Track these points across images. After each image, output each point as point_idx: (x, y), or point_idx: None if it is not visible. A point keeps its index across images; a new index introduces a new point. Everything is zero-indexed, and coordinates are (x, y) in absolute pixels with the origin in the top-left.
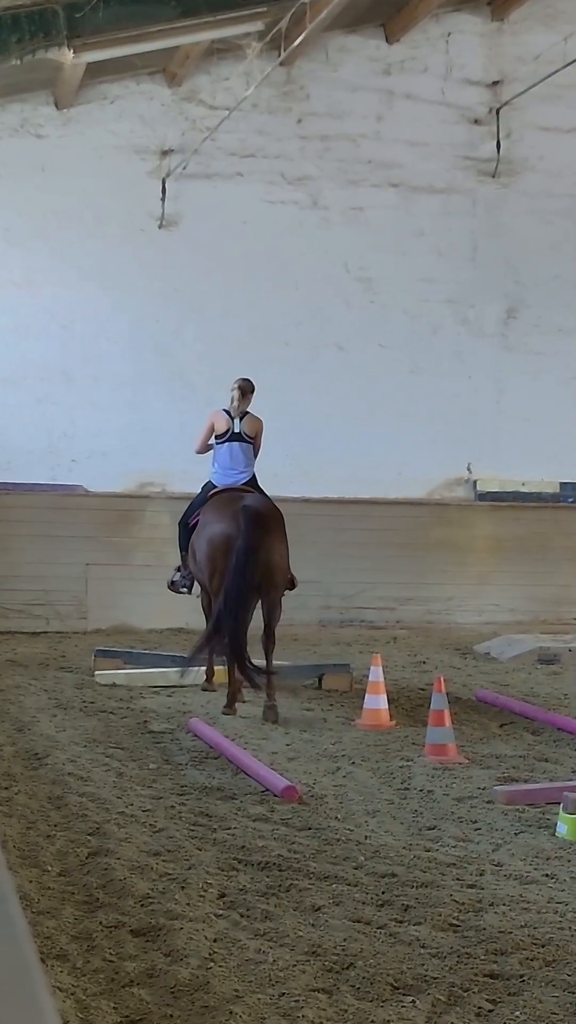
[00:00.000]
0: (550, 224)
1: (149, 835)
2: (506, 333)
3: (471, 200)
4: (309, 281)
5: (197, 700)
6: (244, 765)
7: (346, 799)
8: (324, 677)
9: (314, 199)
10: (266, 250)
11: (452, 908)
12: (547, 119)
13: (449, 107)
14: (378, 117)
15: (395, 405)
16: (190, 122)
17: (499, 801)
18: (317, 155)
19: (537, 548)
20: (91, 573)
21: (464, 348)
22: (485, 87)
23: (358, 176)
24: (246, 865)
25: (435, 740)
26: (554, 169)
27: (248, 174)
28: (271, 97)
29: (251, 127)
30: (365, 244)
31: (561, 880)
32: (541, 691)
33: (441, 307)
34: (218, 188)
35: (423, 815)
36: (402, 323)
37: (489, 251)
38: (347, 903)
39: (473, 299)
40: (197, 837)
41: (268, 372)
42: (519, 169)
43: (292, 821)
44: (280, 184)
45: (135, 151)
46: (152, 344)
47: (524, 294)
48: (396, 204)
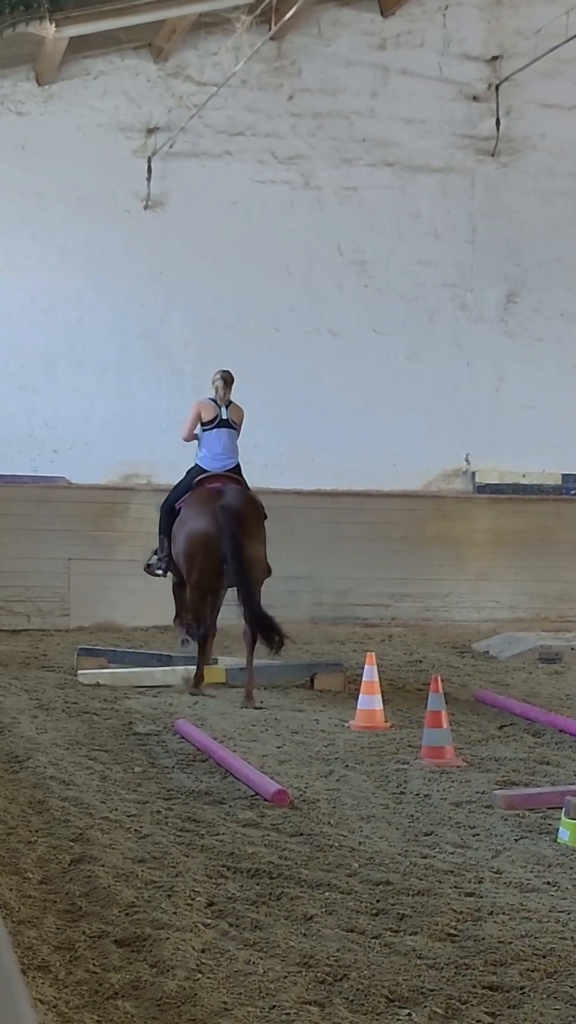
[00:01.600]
0: (552, 204)
1: (134, 841)
2: (506, 318)
3: (470, 180)
4: (301, 264)
5: (184, 701)
6: (233, 768)
7: (339, 804)
8: (316, 677)
9: (306, 179)
10: (256, 232)
11: (450, 917)
12: (549, 95)
13: (447, 83)
14: (373, 93)
15: (390, 394)
16: (177, 99)
17: (498, 806)
18: (309, 133)
19: (538, 542)
20: (74, 568)
21: (463, 334)
22: (484, 62)
23: (352, 155)
24: (235, 872)
25: (432, 742)
26: (556, 147)
27: (237, 153)
28: (261, 73)
29: (240, 104)
30: (359, 226)
31: (563, 888)
32: (542, 691)
33: (439, 291)
34: (206, 167)
35: (419, 820)
36: (398, 308)
37: (489, 233)
38: (340, 912)
39: (472, 283)
40: (184, 843)
41: (258, 358)
42: (520, 147)
43: (283, 827)
44: (271, 163)
45: (120, 129)
46: (137, 329)
47: (525, 277)
48: (392, 184)
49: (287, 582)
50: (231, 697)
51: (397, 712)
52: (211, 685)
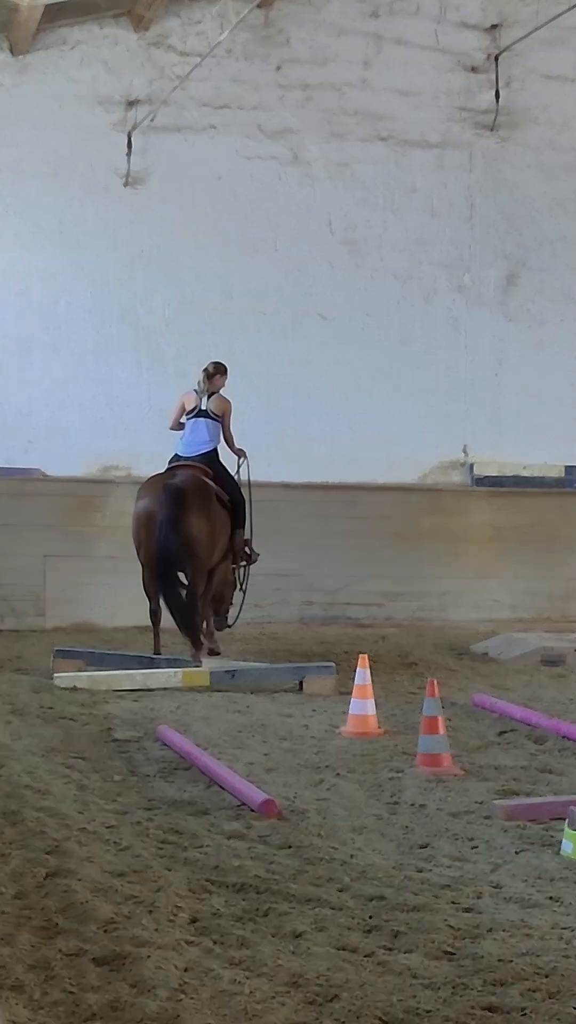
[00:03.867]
0: (554, 180)
1: (113, 854)
2: (506, 300)
3: (467, 154)
4: (289, 243)
5: (166, 705)
6: (218, 777)
7: (330, 814)
8: (305, 680)
9: (295, 153)
10: (242, 209)
11: (447, 934)
12: (550, 66)
13: (443, 53)
14: (365, 64)
15: (384, 380)
16: (159, 70)
17: (498, 817)
18: (298, 105)
19: (540, 538)
20: (49, 565)
21: (460, 316)
22: (483, 31)
23: (343, 128)
24: (220, 887)
25: (428, 749)
26: (558, 120)
27: (222, 126)
28: (248, 42)
29: (226, 75)
30: (351, 203)
31: (566, 904)
32: (544, 695)
33: (435, 271)
34: (189, 142)
35: (415, 832)
36: (392, 289)
37: (487, 210)
38: (331, 929)
39: (470, 262)
40: (166, 856)
41: (244, 342)
42: (520, 120)
43: (270, 838)
44: (258, 137)
45: (98, 101)
46: (117, 311)
47: (526, 257)
48: (385, 159)
49: (275, 580)
50: (216, 702)
51: (391, 717)
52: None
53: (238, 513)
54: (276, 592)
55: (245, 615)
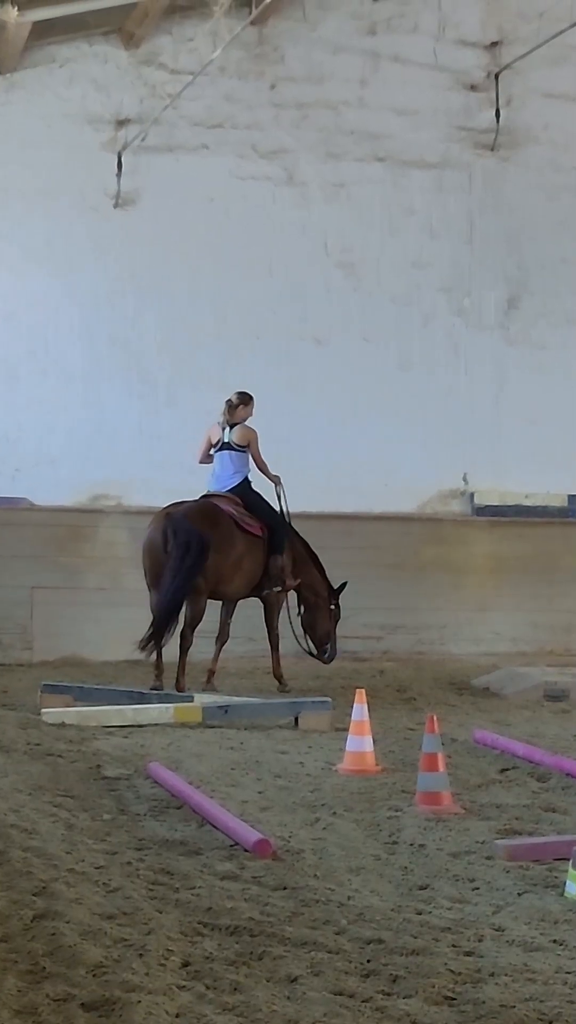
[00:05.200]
0: (556, 200)
1: (102, 896)
2: (507, 323)
3: (467, 174)
4: (284, 265)
5: (157, 742)
6: (210, 816)
7: (326, 855)
8: (301, 716)
9: (290, 174)
10: (235, 231)
11: (447, 979)
12: (552, 84)
13: (442, 71)
14: (362, 82)
15: (381, 406)
16: (149, 88)
17: (500, 857)
18: (293, 125)
19: (543, 569)
20: (37, 597)
21: (460, 341)
22: (483, 48)
23: (340, 148)
24: (213, 930)
25: (427, 787)
26: (560, 139)
27: (215, 146)
28: (241, 60)
29: (218, 93)
30: (348, 224)
31: (570, 947)
32: (547, 731)
33: (434, 295)
34: (181, 162)
35: (414, 873)
36: (389, 312)
37: (488, 231)
38: (327, 973)
39: (470, 285)
40: (157, 898)
41: (237, 367)
42: (521, 140)
43: (265, 879)
44: (251, 157)
45: (88, 120)
46: (107, 335)
47: (527, 279)
48: (383, 179)
49: None
50: (208, 738)
51: (389, 754)
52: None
53: (274, 539)
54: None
55: (238, 648)
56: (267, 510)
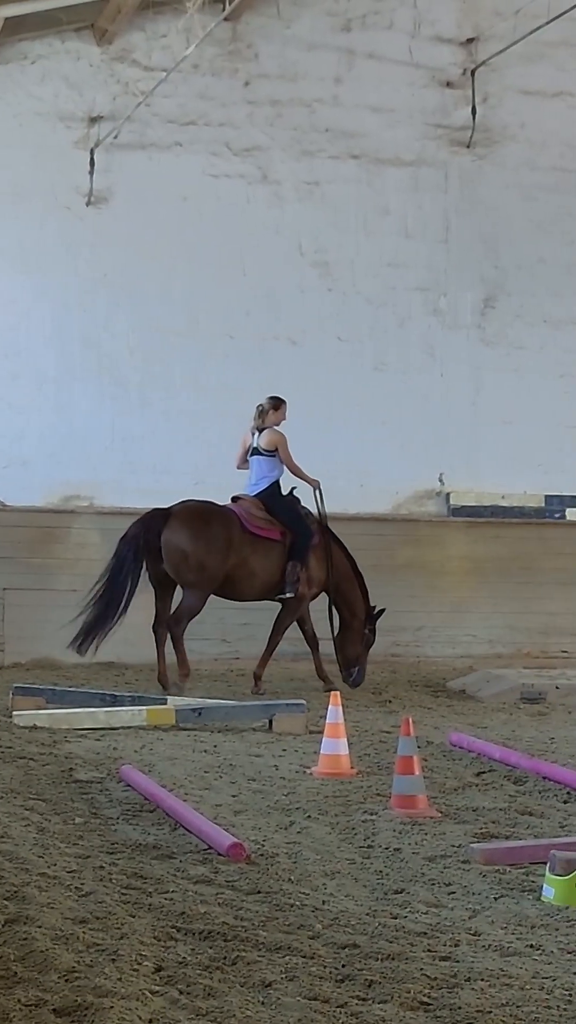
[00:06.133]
0: (533, 200)
1: (75, 900)
2: (484, 324)
3: (443, 173)
4: (258, 265)
5: (129, 744)
6: (184, 819)
7: (301, 858)
8: (275, 718)
9: (264, 172)
10: (209, 230)
11: (423, 984)
12: (529, 81)
13: (418, 68)
14: (337, 79)
15: (357, 407)
16: (122, 85)
17: (476, 861)
18: (267, 122)
19: (519, 570)
20: (9, 599)
21: (436, 341)
22: (458, 45)
23: (314, 146)
24: (186, 934)
25: (403, 791)
26: (537, 138)
27: (188, 144)
28: (215, 57)
29: (192, 91)
30: (322, 223)
31: (547, 952)
32: (524, 734)
33: (409, 295)
34: (154, 160)
35: (389, 877)
36: (364, 313)
37: (464, 231)
38: (302, 978)
39: (446, 286)
40: (130, 902)
41: (210, 368)
42: (497, 138)
43: (239, 884)
44: (225, 155)
45: (60, 118)
46: (78, 336)
47: (504, 280)
48: (358, 178)
49: (243, 614)
50: (181, 741)
51: (364, 757)
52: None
53: (295, 545)
54: (244, 627)
55: (212, 650)
56: (293, 517)
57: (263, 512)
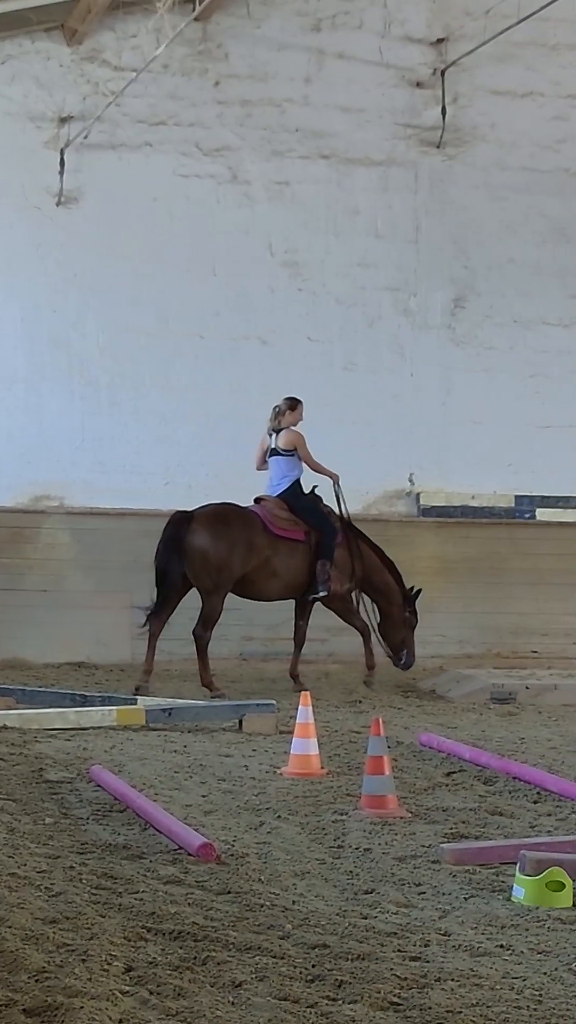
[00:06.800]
0: (503, 200)
1: (45, 900)
2: (453, 324)
3: (413, 173)
4: (228, 265)
5: (99, 745)
6: (154, 819)
7: (271, 858)
8: (245, 719)
9: (234, 172)
10: (179, 230)
11: (393, 984)
12: (499, 81)
13: (388, 68)
14: (307, 80)
15: (326, 407)
16: (92, 85)
17: (446, 861)
18: (237, 122)
19: (489, 571)
20: None
21: (406, 342)
22: (428, 45)
23: (284, 146)
24: (156, 934)
25: (373, 791)
26: (508, 138)
27: (158, 144)
28: (185, 57)
29: (162, 91)
30: (292, 223)
31: (518, 952)
32: (494, 734)
33: (379, 295)
34: (124, 160)
35: (359, 877)
36: (334, 313)
37: (434, 231)
38: (272, 978)
39: (416, 286)
40: (100, 902)
41: (180, 368)
42: (467, 138)
43: (209, 884)
44: (195, 155)
45: (29, 118)
46: (48, 336)
47: (474, 280)
48: (327, 178)
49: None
50: (151, 741)
51: (334, 757)
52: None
53: (322, 544)
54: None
55: (182, 650)
56: (316, 516)
57: (287, 512)
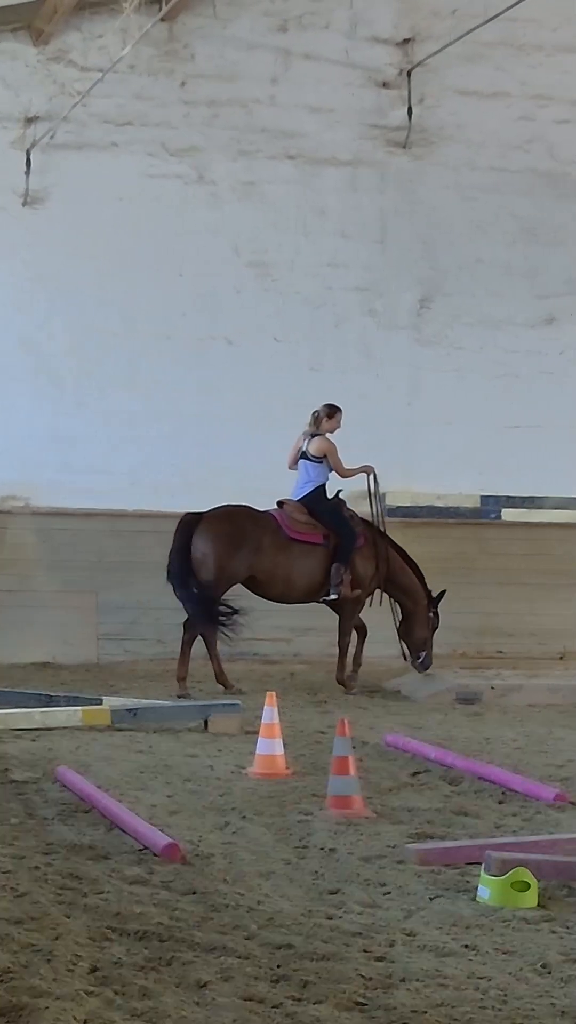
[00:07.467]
0: (471, 201)
1: (10, 900)
2: (421, 325)
3: (380, 174)
4: (195, 266)
5: (65, 745)
6: (119, 820)
7: (236, 859)
8: (211, 719)
9: (200, 173)
10: (146, 231)
11: (358, 984)
12: (467, 81)
13: (354, 68)
14: (273, 80)
15: (293, 407)
16: (59, 85)
17: (412, 861)
18: (204, 123)
19: (455, 571)
20: None
21: (373, 342)
22: (395, 45)
23: (251, 146)
24: (121, 935)
25: (338, 791)
26: (475, 138)
27: (125, 144)
28: (151, 57)
29: (129, 91)
30: (259, 224)
31: (483, 952)
32: (459, 735)
33: (346, 295)
34: (91, 160)
35: (324, 877)
36: (302, 313)
37: (401, 232)
38: (237, 978)
39: (383, 287)
40: (65, 903)
41: (147, 368)
42: (434, 138)
43: (174, 884)
44: (162, 156)
45: None
46: (15, 337)
47: (441, 281)
48: (295, 178)
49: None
50: (117, 742)
51: (300, 758)
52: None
53: (340, 548)
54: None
55: (148, 651)
56: (337, 520)
57: (306, 516)
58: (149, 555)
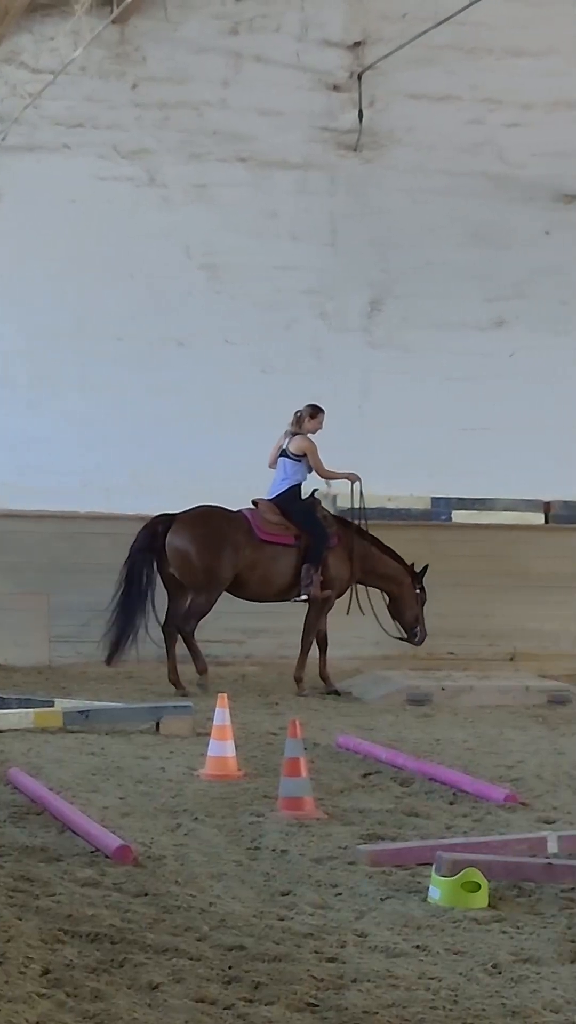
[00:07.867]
0: (422, 204)
1: None
2: (371, 327)
3: (330, 177)
4: (146, 268)
5: (16, 747)
6: (71, 822)
7: (188, 860)
8: (163, 721)
9: (152, 175)
10: (97, 233)
11: (309, 985)
12: (417, 85)
13: (305, 71)
14: (224, 82)
15: (244, 409)
16: (10, 87)
17: (363, 862)
18: (155, 125)
19: None
20: None
21: (323, 344)
22: (346, 48)
23: (202, 149)
24: (73, 937)
25: (289, 793)
26: (425, 141)
27: (76, 146)
28: (103, 59)
29: (80, 93)
30: (210, 227)
31: (434, 952)
32: (410, 736)
33: (297, 298)
34: (42, 162)
35: (276, 879)
36: (252, 316)
37: (351, 235)
38: (189, 980)
39: (333, 289)
40: (16, 905)
41: (98, 370)
42: (385, 142)
43: (126, 886)
44: (113, 158)
45: None
46: None
47: (392, 283)
48: (245, 181)
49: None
50: (69, 744)
51: (251, 760)
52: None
53: (310, 548)
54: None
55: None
56: (307, 520)
57: (278, 516)
58: (101, 557)
